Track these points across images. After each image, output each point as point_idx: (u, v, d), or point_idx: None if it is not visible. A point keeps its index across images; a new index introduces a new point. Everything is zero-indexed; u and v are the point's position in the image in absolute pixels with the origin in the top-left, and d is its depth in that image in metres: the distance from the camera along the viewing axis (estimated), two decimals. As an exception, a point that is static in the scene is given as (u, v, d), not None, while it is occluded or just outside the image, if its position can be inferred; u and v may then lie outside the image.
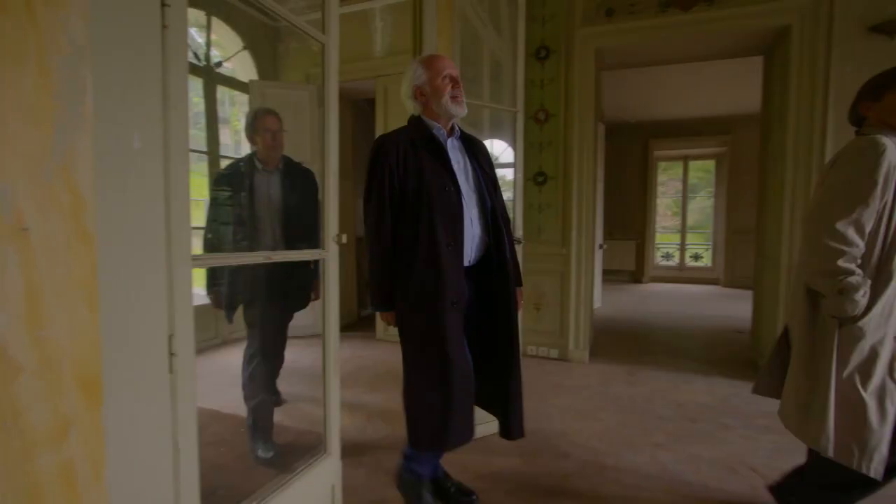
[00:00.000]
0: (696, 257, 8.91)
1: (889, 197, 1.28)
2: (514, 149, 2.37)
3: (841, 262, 1.26)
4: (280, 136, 2.10)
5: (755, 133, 4.75)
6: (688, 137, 8.24)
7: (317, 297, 2.37)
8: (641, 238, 8.62)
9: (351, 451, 2.04)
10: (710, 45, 3.46)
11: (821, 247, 1.30)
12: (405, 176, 1.49)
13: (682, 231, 8.90)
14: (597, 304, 5.88)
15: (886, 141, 1.28)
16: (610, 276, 8.61)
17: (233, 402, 2.24)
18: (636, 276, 8.74)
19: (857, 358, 1.30)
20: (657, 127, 8.33)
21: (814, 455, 1.46)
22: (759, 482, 1.93)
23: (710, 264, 8.66)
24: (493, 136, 3.13)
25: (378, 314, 1.64)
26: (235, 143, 4.83)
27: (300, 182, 2.19)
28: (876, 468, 1.27)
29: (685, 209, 8.91)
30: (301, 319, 1.93)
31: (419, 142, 1.53)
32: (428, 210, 1.45)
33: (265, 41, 4.31)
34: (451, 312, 1.44)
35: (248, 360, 2.06)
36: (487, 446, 2.17)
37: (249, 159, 2.12)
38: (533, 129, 3.57)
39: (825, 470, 1.41)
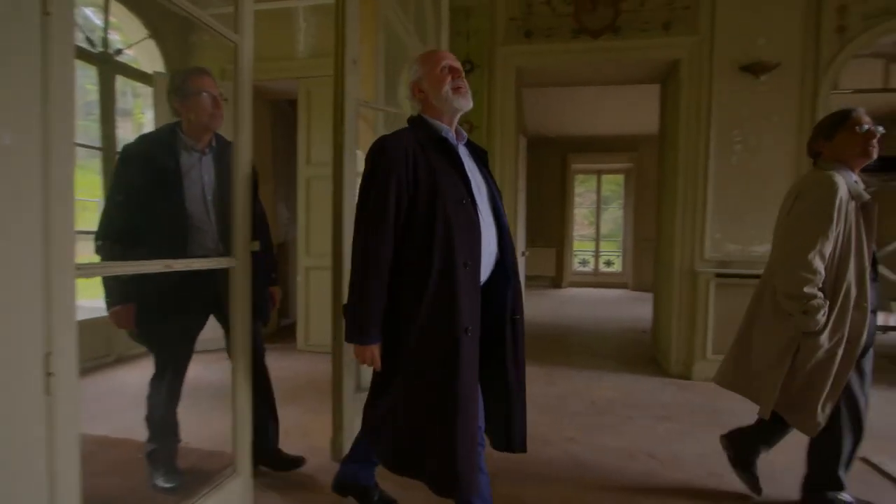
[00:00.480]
0: (609, 263, 9.69)
1: (841, 227, 1.54)
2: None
3: (807, 289, 1.52)
4: (221, 104, 1.69)
5: (656, 152, 5.30)
6: (601, 153, 8.96)
7: (275, 306, 2.03)
8: (561, 245, 9.19)
9: (264, 469, 1.94)
10: (617, 71, 3.82)
11: (791, 274, 1.55)
12: (415, 185, 1.26)
13: (597, 239, 9.63)
14: (519, 308, 6.15)
15: (839, 179, 1.54)
16: (532, 281, 9.04)
17: (129, 425, 2.03)
18: (556, 282, 9.28)
19: (813, 360, 1.60)
20: (574, 142, 8.96)
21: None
22: (656, 466, 2.15)
23: (620, 270, 9.46)
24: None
25: (354, 347, 1.32)
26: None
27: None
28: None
29: (599, 219, 9.66)
30: (209, 332, 1.76)
31: (428, 145, 1.32)
32: (444, 225, 1.24)
33: (173, 31, 4.00)
34: (466, 342, 1.26)
35: (159, 376, 1.76)
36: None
37: (171, 133, 1.68)
38: (458, 140, 3.69)
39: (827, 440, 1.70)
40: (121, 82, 3.82)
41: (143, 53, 3.96)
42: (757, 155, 3.37)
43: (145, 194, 1.61)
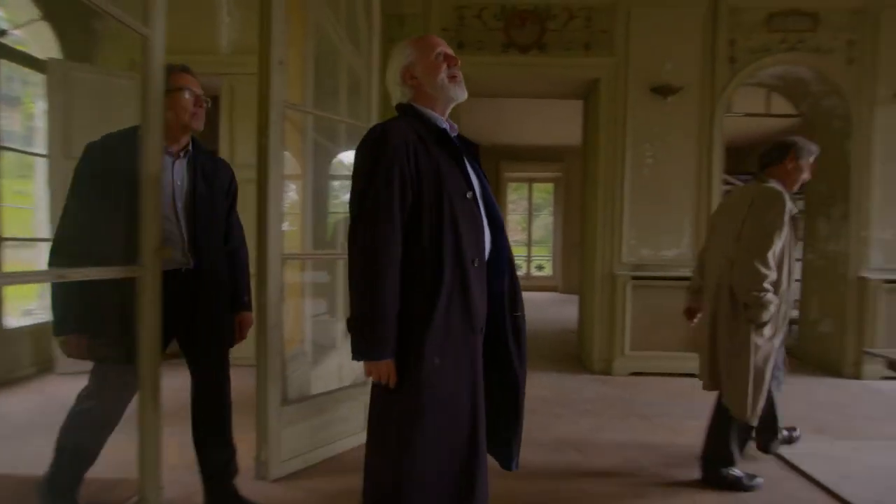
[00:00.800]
0: (540, 267, 10.16)
1: (784, 233, 1.82)
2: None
3: (764, 284, 1.77)
4: (203, 104, 1.54)
5: (581, 163, 5.65)
6: (532, 162, 9.38)
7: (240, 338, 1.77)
8: (495, 251, 9.48)
9: (180, 497, 1.80)
10: (544, 86, 4.03)
11: (751, 273, 1.78)
12: (419, 178, 1.14)
13: (529, 244, 10.06)
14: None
15: (785, 193, 1.87)
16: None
17: (11, 457, 1.78)
18: (489, 286, 9.55)
19: (764, 349, 1.86)
20: (507, 151, 9.29)
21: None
22: (579, 457, 2.28)
23: (551, 273, 9.95)
24: (350, 148, 3.12)
25: (365, 365, 1.14)
26: (27, 131, 3.92)
27: (221, 178, 1.66)
28: (755, 420, 1.91)
29: (531, 225, 10.08)
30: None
31: (428, 137, 1.21)
32: (452, 222, 1.14)
33: (73, 14, 3.60)
34: (478, 343, 1.20)
35: (98, 395, 1.50)
36: (333, 466, 2.13)
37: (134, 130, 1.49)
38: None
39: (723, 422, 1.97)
40: (6, 67, 3.37)
41: (35, 36, 3.52)
42: (665, 168, 3.72)
43: (109, 200, 1.39)
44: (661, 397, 3.18)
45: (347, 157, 3.23)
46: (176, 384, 1.72)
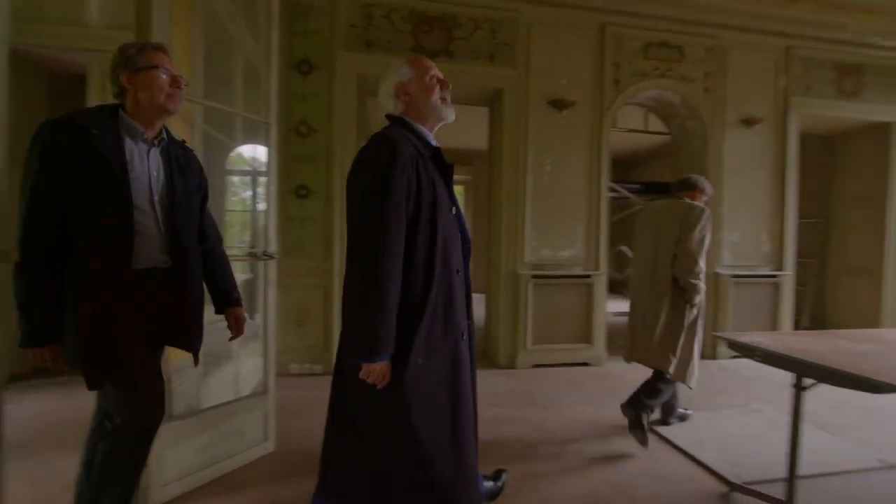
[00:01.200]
0: (449, 267, 10.39)
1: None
2: (268, 160, 2.28)
3: (701, 276, 2.44)
4: (181, 84, 1.40)
5: (488, 167, 5.90)
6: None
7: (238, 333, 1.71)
8: (406, 251, 9.50)
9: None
10: (453, 91, 4.12)
11: (694, 270, 2.42)
12: (419, 190, 1.24)
13: (438, 245, 10.24)
14: (365, 314, 6.13)
15: (706, 208, 2.53)
16: (379, 286, 9.13)
17: None
18: (402, 286, 9.55)
19: (697, 324, 2.52)
20: (417, 152, 9.37)
21: (656, 377, 2.56)
22: (482, 447, 2.38)
23: (459, 273, 10.24)
24: (247, 142, 2.92)
25: (362, 367, 1.18)
26: None
27: (193, 170, 1.53)
28: (692, 383, 2.54)
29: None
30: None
31: (424, 151, 1.33)
32: (443, 233, 1.27)
33: None
34: (463, 346, 1.30)
35: (120, 440, 1.35)
36: (227, 485, 1.99)
37: (111, 113, 1.33)
38: (295, 141, 3.51)
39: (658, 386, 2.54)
40: None
41: None
42: (562, 175, 4.04)
43: (77, 193, 1.23)
44: (558, 386, 3.46)
45: (246, 151, 3.01)
46: (32, 411, 1.46)
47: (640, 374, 3.87)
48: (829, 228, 5.89)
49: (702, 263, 2.44)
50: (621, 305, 7.84)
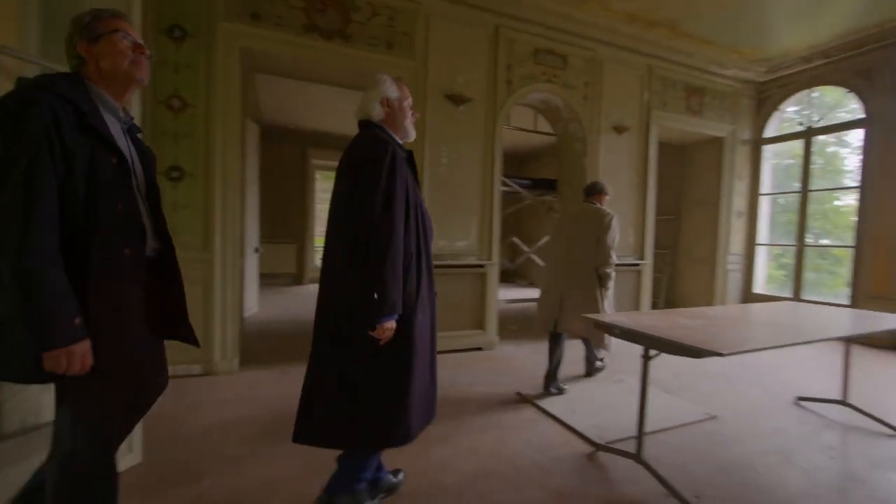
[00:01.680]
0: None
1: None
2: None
3: (615, 262, 3.14)
4: (145, 50, 1.31)
5: (386, 157, 5.84)
6: (341, 151, 9.21)
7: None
8: (302, 241, 9.02)
9: None
10: (350, 76, 4.01)
11: (609, 259, 3.10)
12: (406, 185, 1.56)
13: (337, 235, 9.89)
14: (253, 309, 5.73)
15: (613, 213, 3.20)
16: (271, 279, 8.57)
17: None
18: (297, 278, 9.07)
19: (606, 301, 3.16)
20: (316, 137, 8.93)
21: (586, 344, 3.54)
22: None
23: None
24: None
25: (378, 328, 1.49)
26: None
27: (146, 150, 1.41)
28: (609, 347, 3.20)
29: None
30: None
31: (403, 154, 1.62)
32: (423, 220, 1.64)
33: None
34: (436, 304, 1.75)
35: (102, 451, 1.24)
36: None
37: (76, 82, 1.19)
38: (165, 116, 3.12)
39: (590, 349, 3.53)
40: None
41: None
42: (457, 168, 4.17)
43: (84, 180, 1.12)
44: (454, 370, 3.61)
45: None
46: None
47: (526, 356, 4.18)
48: (680, 224, 6.95)
49: (614, 256, 3.16)
50: (513, 293, 8.40)
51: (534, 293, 8.12)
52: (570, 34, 4.62)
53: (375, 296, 1.44)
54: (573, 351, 4.53)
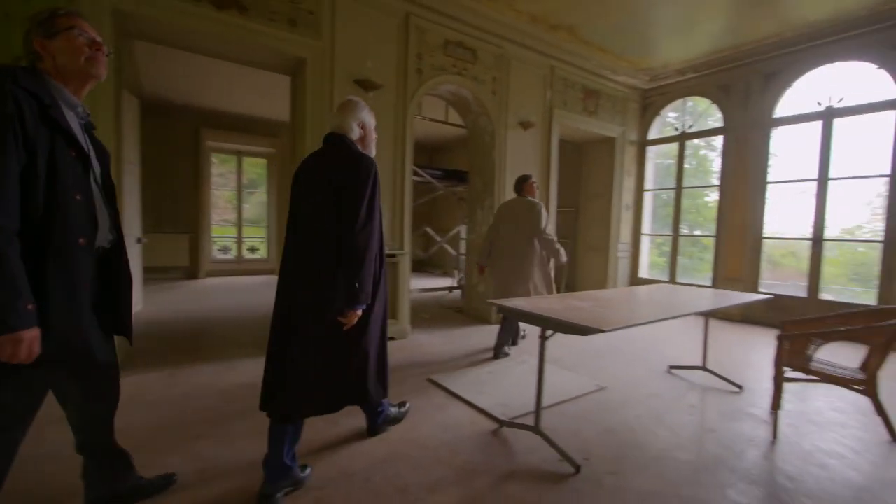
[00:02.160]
0: (253, 250, 9.45)
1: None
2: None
3: (559, 246, 3.70)
4: (102, 47, 1.38)
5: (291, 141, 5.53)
6: (242, 133, 8.53)
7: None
8: (197, 231, 8.22)
9: None
10: (246, 52, 3.71)
11: (554, 245, 3.63)
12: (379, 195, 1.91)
13: (239, 224, 9.18)
14: (137, 306, 5.13)
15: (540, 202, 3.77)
16: (158, 273, 7.74)
17: None
18: (192, 272, 8.27)
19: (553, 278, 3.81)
20: (212, 117, 8.15)
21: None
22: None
23: (266, 256, 9.41)
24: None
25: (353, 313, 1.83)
26: None
27: (103, 147, 1.50)
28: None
29: (241, 203, 9.23)
30: None
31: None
32: (381, 223, 1.93)
33: None
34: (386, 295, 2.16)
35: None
36: None
37: (34, 76, 1.24)
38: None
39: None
40: None
41: None
42: (368, 157, 4.08)
43: (45, 169, 1.21)
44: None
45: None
46: None
47: (438, 344, 4.28)
48: (579, 215, 7.55)
49: (558, 246, 3.72)
50: (426, 282, 8.51)
51: (447, 282, 8.31)
52: (479, 29, 4.74)
53: (356, 288, 1.78)
54: (485, 337, 4.71)
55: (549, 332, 2.22)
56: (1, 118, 1.12)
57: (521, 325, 4.02)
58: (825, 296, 5.35)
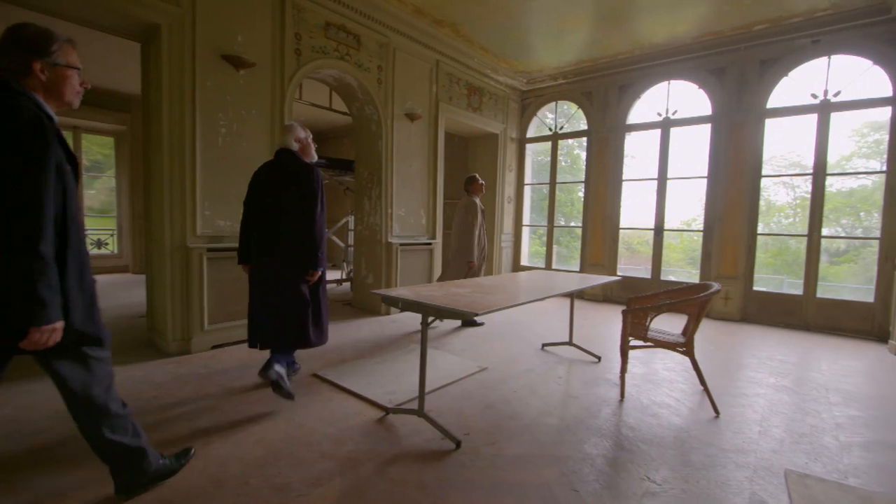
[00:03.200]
0: (101, 244, 8.07)
1: (478, 219, 4.78)
2: None
3: (464, 252, 4.70)
4: (85, 82, 1.56)
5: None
6: (81, 106, 7.19)
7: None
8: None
9: None
10: (87, 10, 3.12)
11: (461, 248, 4.70)
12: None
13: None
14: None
15: (477, 200, 4.88)
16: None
17: None
18: None
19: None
20: (38, 85, 6.73)
21: None
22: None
23: (116, 251, 8.11)
24: None
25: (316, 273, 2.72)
26: None
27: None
28: None
29: (81, 189, 7.80)
30: None
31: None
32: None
33: None
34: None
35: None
36: None
37: (31, 98, 1.39)
38: None
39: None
40: None
41: None
42: (241, 141, 3.76)
43: (58, 182, 1.39)
44: (240, 363, 3.30)
45: None
46: None
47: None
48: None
49: (470, 244, 4.55)
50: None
51: (335, 275, 8.05)
52: (362, 15, 4.63)
53: (318, 257, 2.66)
54: (374, 329, 4.68)
55: (430, 319, 2.29)
56: (45, 147, 1.32)
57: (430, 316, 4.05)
58: (670, 277, 6.38)
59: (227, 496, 1.77)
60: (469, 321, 4.60)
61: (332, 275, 8.17)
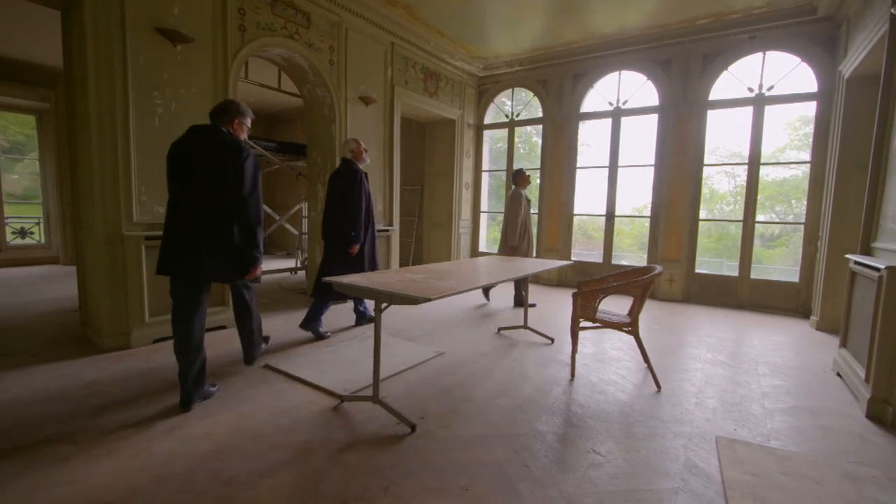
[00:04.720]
0: (25, 234, 7.39)
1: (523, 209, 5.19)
2: None
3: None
4: None
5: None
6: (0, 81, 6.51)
7: None
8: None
9: None
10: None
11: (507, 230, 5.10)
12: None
13: (0, 201, 7.06)
14: None
15: (523, 192, 5.25)
16: None
17: None
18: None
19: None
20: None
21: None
22: (71, 449, 1.89)
23: (44, 241, 7.46)
24: None
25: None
26: None
27: None
28: None
29: (0, 174, 7.09)
30: None
31: (365, 175, 3.74)
32: (370, 200, 3.79)
33: None
34: None
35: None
36: None
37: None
38: None
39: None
40: None
41: None
42: (181, 121, 3.51)
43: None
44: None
45: None
46: None
47: (277, 328, 4.04)
48: (423, 193, 7.83)
49: (509, 223, 5.10)
50: (266, 265, 7.87)
51: (290, 263, 7.81)
52: (312, -9, 4.43)
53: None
54: (329, 317, 4.59)
55: (384, 305, 2.27)
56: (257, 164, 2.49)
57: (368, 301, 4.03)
58: (622, 261, 6.64)
59: (170, 493, 1.69)
60: (518, 301, 5.12)
61: (287, 263, 7.93)
